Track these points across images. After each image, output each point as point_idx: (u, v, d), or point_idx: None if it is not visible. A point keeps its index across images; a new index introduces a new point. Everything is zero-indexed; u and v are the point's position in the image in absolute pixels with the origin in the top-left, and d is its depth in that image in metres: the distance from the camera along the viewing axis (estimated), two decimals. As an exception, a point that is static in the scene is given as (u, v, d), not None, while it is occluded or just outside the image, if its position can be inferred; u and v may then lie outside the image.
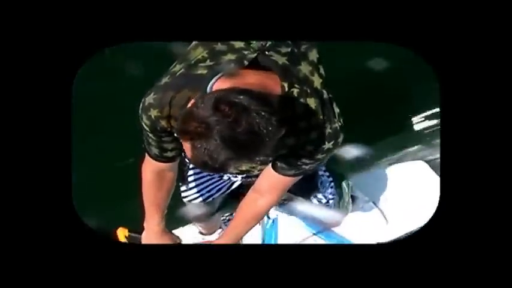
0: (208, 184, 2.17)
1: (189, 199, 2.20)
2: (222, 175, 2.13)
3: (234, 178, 2.13)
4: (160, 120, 1.64)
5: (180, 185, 2.17)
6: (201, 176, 2.16)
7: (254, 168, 1.87)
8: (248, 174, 2.00)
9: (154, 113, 1.63)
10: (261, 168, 1.84)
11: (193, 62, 1.63)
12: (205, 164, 1.41)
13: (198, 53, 1.65)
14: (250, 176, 2.02)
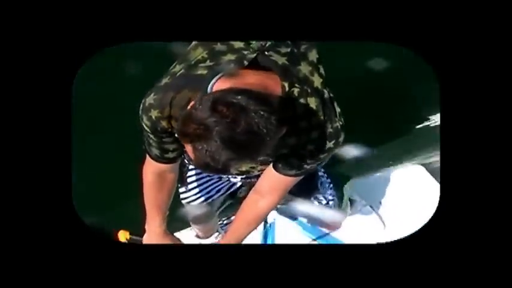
0: (207, 185, 2.17)
1: (188, 200, 2.20)
2: (221, 176, 2.13)
3: (234, 179, 2.13)
4: (161, 120, 1.64)
5: (179, 186, 2.16)
6: (200, 177, 2.16)
7: (254, 168, 1.87)
8: (248, 175, 2.00)
9: (155, 113, 1.63)
10: (261, 169, 1.84)
11: (193, 62, 1.63)
12: (208, 165, 1.41)
13: (198, 53, 1.65)
14: (250, 176, 2.02)
